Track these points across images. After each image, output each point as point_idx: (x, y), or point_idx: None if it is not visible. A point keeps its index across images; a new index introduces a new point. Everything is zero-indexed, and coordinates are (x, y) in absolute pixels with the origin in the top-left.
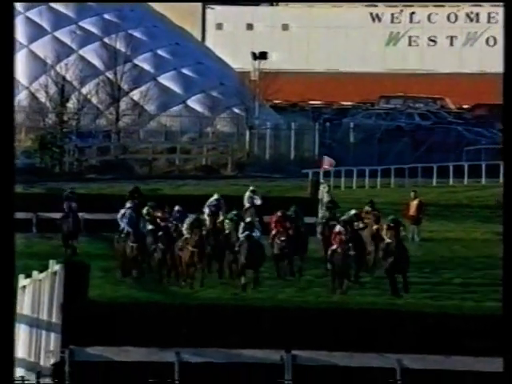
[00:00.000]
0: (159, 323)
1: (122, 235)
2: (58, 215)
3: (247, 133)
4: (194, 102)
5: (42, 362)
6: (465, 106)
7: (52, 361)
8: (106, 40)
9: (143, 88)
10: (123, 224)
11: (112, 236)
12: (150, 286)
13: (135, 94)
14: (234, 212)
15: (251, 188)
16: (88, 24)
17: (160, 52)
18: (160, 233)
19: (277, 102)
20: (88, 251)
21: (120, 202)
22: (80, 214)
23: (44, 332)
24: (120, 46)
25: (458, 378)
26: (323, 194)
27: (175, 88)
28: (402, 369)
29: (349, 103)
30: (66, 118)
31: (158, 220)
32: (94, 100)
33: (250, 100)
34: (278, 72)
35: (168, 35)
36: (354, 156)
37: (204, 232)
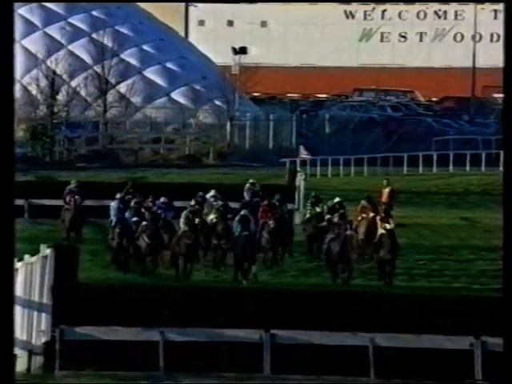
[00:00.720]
0: (145, 304)
1: (112, 226)
2: (48, 201)
3: (228, 124)
4: (177, 95)
5: (33, 341)
6: (433, 99)
7: (43, 339)
8: (94, 36)
9: (129, 81)
10: (112, 215)
11: (100, 221)
12: (136, 269)
13: (122, 87)
14: (221, 203)
15: (251, 180)
16: (77, 20)
17: (145, 47)
18: (144, 222)
19: (256, 94)
20: None
21: (107, 190)
22: None
23: (35, 312)
24: (107, 41)
25: (427, 355)
26: (300, 181)
27: (160, 81)
28: (375, 347)
29: (324, 96)
30: (56, 110)
31: (143, 210)
32: (83, 92)
33: (230, 93)
34: (257, 66)
35: (153, 31)
36: (329, 146)
37: (197, 224)
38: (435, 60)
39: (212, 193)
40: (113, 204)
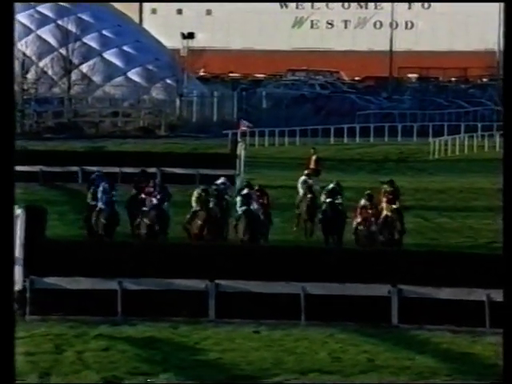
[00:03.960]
0: (105, 257)
1: (95, 211)
2: (20, 167)
3: (177, 100)
4: (133, 74)
5: None
6: (356, 78)
7: (16, 288)
8: (59, 22)
9: (91, 62)
10: (98, 200)
11: (66, 186)
12: None
13: (84, 67)
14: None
15: (306, 171)
16: (44, 9)
17: (105, 32)
18: (145, 208)
19: (202, 74)
20: (45, 198)
21: (71, 158)
22: (39, 167)
23: None
24: (71, 27)
25: (350, 300)
26: (241, 150)
27: (117, 62)
28: (305, 294)
29: (261, 75)
30: (26, 87)
31: (144, 195)
32: (50, 72)
33: (179, 72)
34: (203, 49)
35: (111, 18)
36: (266, 119)
37: (211, 204)
38: (358, 44)
39: (222, 180)
40: (99, 188)
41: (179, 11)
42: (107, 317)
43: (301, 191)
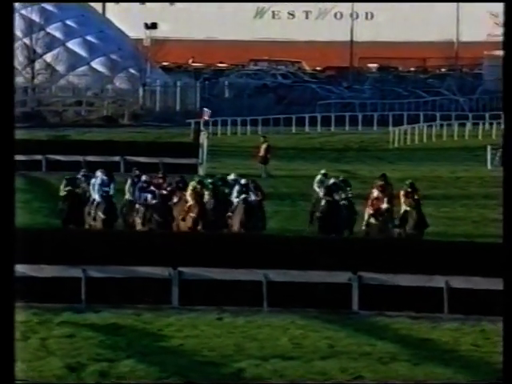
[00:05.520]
0: (69, 245)
1: (93, 205)
2: None
3: (141, 89)
4: (96, 64)
5: None
6: (318, 68)
7: None
8: (23, 12)
9: (54, 52)
10: (94, 193)
11: (31, 174)
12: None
13: (48, 57)
14: (210, 180)
15: (323, 171)
16: None
17: (68, 22)
18: (154, 201)
19: (165, 64)
20: None
21: (35, 146)
22: None
23: None
24: (35, 16)
25: (312, 287)
26: (203, 139)
27: (81, 52)
28: (268, 281)
29: (224, 65)
30: None
31: (153, 187)
32: (14, 61)
33: (143, 62)
34: (166, 39)
35: (75, 8)
36: (229, 108)
37: (207, 198)
38: (319, 35)
39: (232, 176)
40: (97, 181)
41: (142, 1)
42: (71, 304)
43: (317, 190)
